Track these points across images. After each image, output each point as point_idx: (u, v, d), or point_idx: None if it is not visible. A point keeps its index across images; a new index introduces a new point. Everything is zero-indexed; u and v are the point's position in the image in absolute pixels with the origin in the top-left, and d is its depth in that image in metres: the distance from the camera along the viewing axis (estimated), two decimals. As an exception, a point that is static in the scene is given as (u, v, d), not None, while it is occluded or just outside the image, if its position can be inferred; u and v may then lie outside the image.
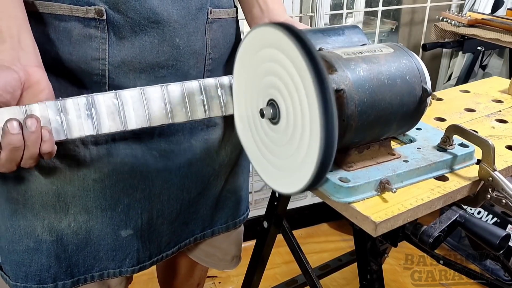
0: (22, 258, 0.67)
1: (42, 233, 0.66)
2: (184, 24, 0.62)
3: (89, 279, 0.72)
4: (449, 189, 0.57)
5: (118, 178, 0.66)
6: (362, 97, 0.52)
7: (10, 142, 0.47)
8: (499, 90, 0.93)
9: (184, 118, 0.58)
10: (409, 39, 1.91)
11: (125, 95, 0.55)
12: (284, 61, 0.46)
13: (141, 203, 0.70)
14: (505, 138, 0.72)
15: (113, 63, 0.60)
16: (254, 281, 0.95)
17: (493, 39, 1.47)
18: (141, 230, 0.72)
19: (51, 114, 0.51)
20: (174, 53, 0.63)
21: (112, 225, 0.69)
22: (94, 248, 0.70)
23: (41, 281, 0.68)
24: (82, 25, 0.58)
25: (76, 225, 0.67)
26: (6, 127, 0.47)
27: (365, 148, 0.59)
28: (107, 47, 0.59)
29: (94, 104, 0.53)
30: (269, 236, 0.87)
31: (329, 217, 1.87)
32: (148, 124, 0.56)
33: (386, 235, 0.60)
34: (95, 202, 0.66)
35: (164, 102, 0.57)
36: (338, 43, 0.60)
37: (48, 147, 0.50)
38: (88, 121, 0.53)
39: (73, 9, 0.57)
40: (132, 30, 0.59)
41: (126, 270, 0.73)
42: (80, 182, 0.64)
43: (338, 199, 0.54)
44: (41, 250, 0.67)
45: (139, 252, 0.73)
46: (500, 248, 0.56)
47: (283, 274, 1.54)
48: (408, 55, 0.57)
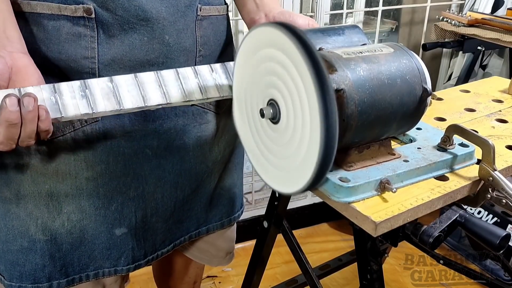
0: (16, 257, 0.67)
1: (36, 233, 0.66)
2: (173, 21, 0.62)
3: (84, 278, 0.72)
4: (449, 189, 0.57)
5: (111, 177, 0.66)
6: (362, 97, 0.52)
7: (7, 118, 0.48)
8: (499, 90, 0.93)
9: (181, 99, 0.58)
10: (409, 39, 1.91)
11: (119, 79, 0.56)
12: (284, 61, 0.46)
13: (134, 201, 0.70)
14: (505, 138, 0.72)
15: (103, 61, 0.60)
16: (254, 281, 0.95)
17: (493, 39, 1.47)
18: (136, 228, 0.72)
19: (45, 94, 0.52)
20: (164, 51, 0.63)
21: (106, 224, 0.69)
22: (88, 247, 0.70)
23: (35, 281, 0.68)
24: (71, 23, 0.58)
25: (70, 224, 0.67)
26: (5, 103, 0.47)
27: (365, 148, 0.59)
28: (96, 46, 0.59)
29: (88, 86, 0.54)
30: (269, 236, 0.87)
31: (329, 217, 1.87)
32: (144, 104, 0.56)
33: (386, 235, 0.60)
34: (88, 201, 0.66)
35: (159, 84, 0.57)
36: (338, 43, 0.60)
37: (46, 126, 0.51)
38: (83, 101, 0.53)
39: (61, 8, 0.57)
40: (121, 28, 0.59)
41: (121, 269, 0.73)
42: (73, 180, 0.64)
43: (338, 199, 0.54)
44: (35, 249, 0.67)
45: (134, 250, 0.73)
46: (500, 248, 0.56)
47: (283, 274, 1.54)
48: (408, 55, 0.57)
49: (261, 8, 0.72)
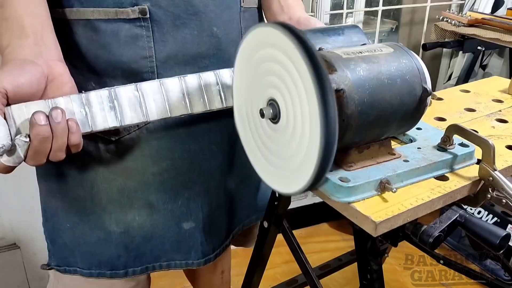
0: (94, 248, 0.71)
1: (111, 225, 0.69)
2: (219, 13, 0.64)
3: (157, 267, 0.75)
4: (449, 188, 0.57)
5: (177, 172, 0.69)
6: (362, 97, 0.52)
7: (38, 132, 0.49)
8: (499, 90, 0.93)
9: (202, 108, 0.60)
10: (409, 38, 1.91)
11: (145, 87, 0.57)
12: (284, 61, 0.46)
13: (201, 196, 0.72)
14: (505, 137, 0.72)
15: (160, 59, 0.62)
16: (254, 281, 0.95)
17: (493, 39, 1.47)
18: (203, 223, 0.74)
19: (76, 107, 0.53)
20: (214, 42, 0.65)
21: (174, 218, 0.71)
22: (159, 240, 0.72)
23: (113, 268, 0.72)
24: (128, 26, 0.59)
25: (141, 218, 0.70)
26: (34, 119, 0.48)
27: (365, 148, 0.59)
28: (153, 45, 0.61)
29: (116, 96, 0.55)
30: (269, 236, 0.87)
31: (329, 217, 1.87)
32: (169, 115, 0.58)
33: (386, 235, 0.60)
34: (156, 196, 0.69)
35: (183, 93, 0.59)
36: (338, 43, 0.60)
37: (76, 139, 0.52)
38: (111, 113, 0.55)
39: (118, 12, 0.59)
40: (173, 24, 0.61)
41: (192, 263, 0.76)
42: (140, 176, 0.67)
43: (338, 199, 0.54)
44: (111, 240, 0.70)
45: (203, 245, 0.75)
46: (500, 248, 0.56)
47: (283, 274, 1.54)
48: (408, 54, 0.57)
49: (286, 11, 0.73)
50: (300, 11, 0.74)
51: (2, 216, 1.33)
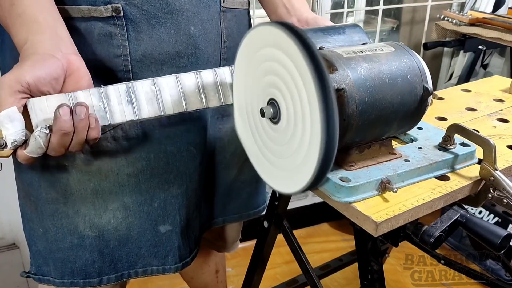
0: (67, 255, 0.69)
1: (84, 229, 0.67)
2: (196, 12, 0.64)
3: (133, 274, 0.73)
4: (450, 188, 0.57)
5: (153, 173, 0.68)
6: (363, 96, 0.52)
7: (61, 127, 0.49)
8: (500, 89, 0.93)
9: (218, 103, 0.60)
10: (410, 38, 1.91)
11: (161, 81, 0.57)
12: (284, 60, 0.45)
13: (178, 198, 0.71)
14: (507, 137, 0.72)
15: (135, 58, 0.62)
16: (254, 281, 0.95)
17: (494, 38, 1.46)
18: (180, 226, 0.73)
19: (95, 100, 0.54)
20: (191, 41, 0.64)
21: (150, 220, 0.70)
22: (135, 244, 0.71)
23: (87, 276, 0.70)
24: (101, 24, 0.59)
25: (116, 221, 0.68)
26: (58, 113, 0.49)
27: (366, 148, 0.58)
28: (127, 43, 0.61)
29: (134, 90, 0.56)
30: (270, 236, 0.87)
31: (329, 217, 1.87)
32: (185, 109, 0.58)
33: (387, 235, 0.60)
34: (131, 197, 0.68)
35: (198, 88, 0.59)
36: (339, 42, 0.60)
37: (95, 134, 0.53)
38: (129, 107, 0.55)
39: (91, 10, 0.58)
40: (148, 23, 0.61)
41: (170, 268, 0.74)
42: (115, 177, 0.66)
43: (339, 199, 0.54)
44: (85, 245, 0.68)
45: (180, 249, 0.74)
46: (501, 248, 0.56)
47: (283, 274, 1.54)
48: (409, 54, 0.57)
49: (292, 13, 0.73)
50: (306, 11, 0.73)
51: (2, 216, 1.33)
